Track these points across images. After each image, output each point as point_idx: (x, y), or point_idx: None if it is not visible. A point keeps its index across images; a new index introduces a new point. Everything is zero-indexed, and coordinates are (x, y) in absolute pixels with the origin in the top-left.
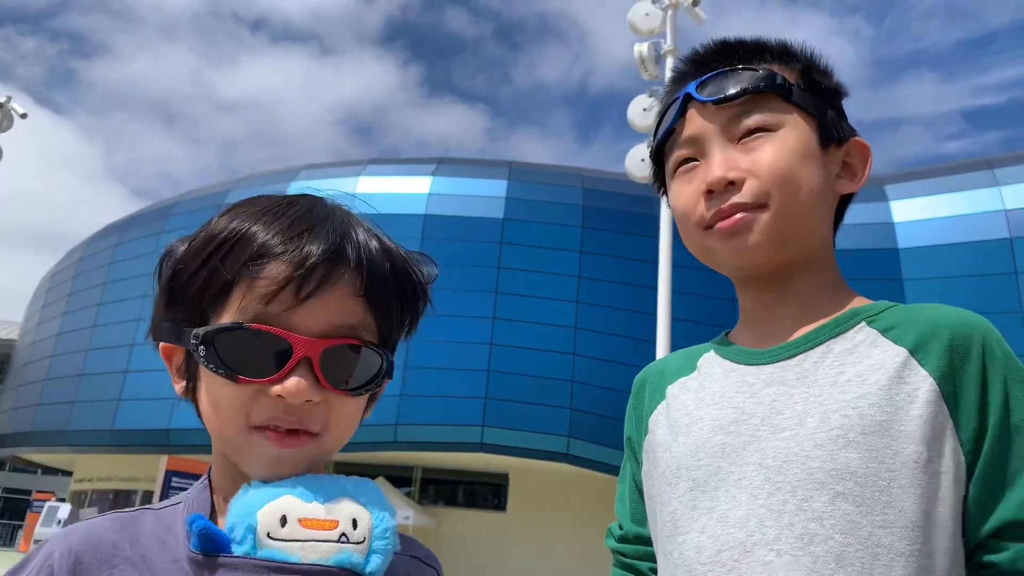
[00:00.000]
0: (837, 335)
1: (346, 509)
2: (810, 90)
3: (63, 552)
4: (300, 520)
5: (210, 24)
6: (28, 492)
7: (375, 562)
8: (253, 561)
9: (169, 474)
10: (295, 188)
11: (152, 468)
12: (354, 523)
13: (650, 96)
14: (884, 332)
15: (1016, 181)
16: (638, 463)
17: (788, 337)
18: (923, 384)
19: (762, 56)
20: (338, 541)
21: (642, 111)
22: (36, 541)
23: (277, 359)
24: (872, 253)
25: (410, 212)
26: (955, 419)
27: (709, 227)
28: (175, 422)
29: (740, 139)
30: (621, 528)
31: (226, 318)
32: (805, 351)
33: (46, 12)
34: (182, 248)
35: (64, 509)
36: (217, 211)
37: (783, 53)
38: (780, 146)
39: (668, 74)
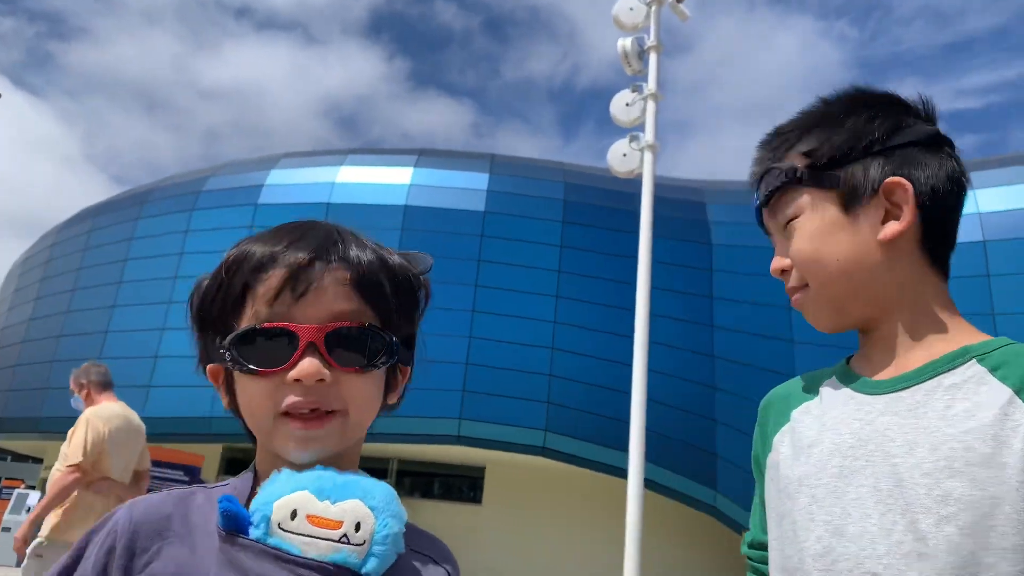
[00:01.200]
0: (948, 370)
1: (353, 511)
2: (820, 168)
3: (125, 522)
4: (308, 516)
5: (194, 9)
6: None
7: (371, 564)
8: (261, 546)
9: None
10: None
11: None
12: (357, 526)
13: (633, 91)
14: (992, 371)
15: (990, 185)
16: (763, 478)
17: (901, 370)
18: None
19: (800, 136)
20: (338, 541)
21: (625, 106)
22: (5, 529)
23: (288, 350)
24: None
25: (390, 203)
26: None
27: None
28: (148, 410)
29: (785, 227)
30: (752, 536)
31: (243, 326)
32: (917, 384)
33: None
34: (204, 282)
35: (34, 497)
36: (194, 198)
37: (824, 123)
38: (801, 234)
39: (652, 69)
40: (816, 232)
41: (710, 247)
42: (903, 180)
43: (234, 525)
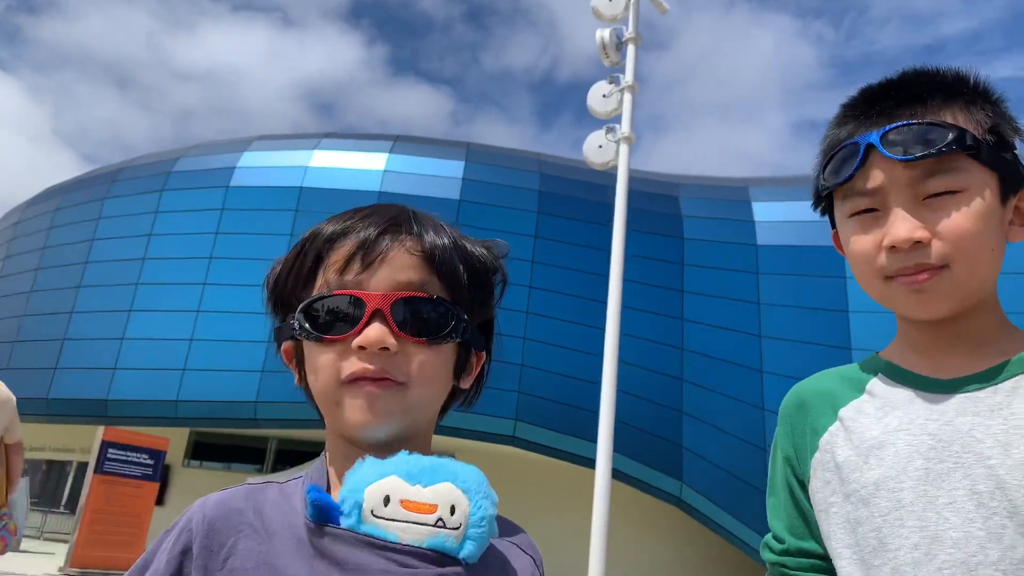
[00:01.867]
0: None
1: (447, 494)
2: (998, 146)
3: (199, 519)
4: (402, 501)
5: None
6: None
7: (468, 548)
8: (355, 535)
9: (105, 445)
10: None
11: (88, 438)
12: (452, 509)
13: (610, 83)
14: None
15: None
16: (799, 480)
17: (968, 370)
18: None
19: (946, 99)
20: (435, 525)
21: (602, 97)
22: None
23: (355, 317)
24: (820, 251)
25: (364, 189)
26: None
27: (889, 277)
28: (114, 392)
29: (926, 197)
30: (782, 542)
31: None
32: (994, 384)
33: None
34: (279, 263)
35: None
36: (164, 179)
37: (967, 96)
38: (969, 210)
39: (629, 61)
40: (983, 212)
41: (682, 241)
42: None
43: (324, 515)
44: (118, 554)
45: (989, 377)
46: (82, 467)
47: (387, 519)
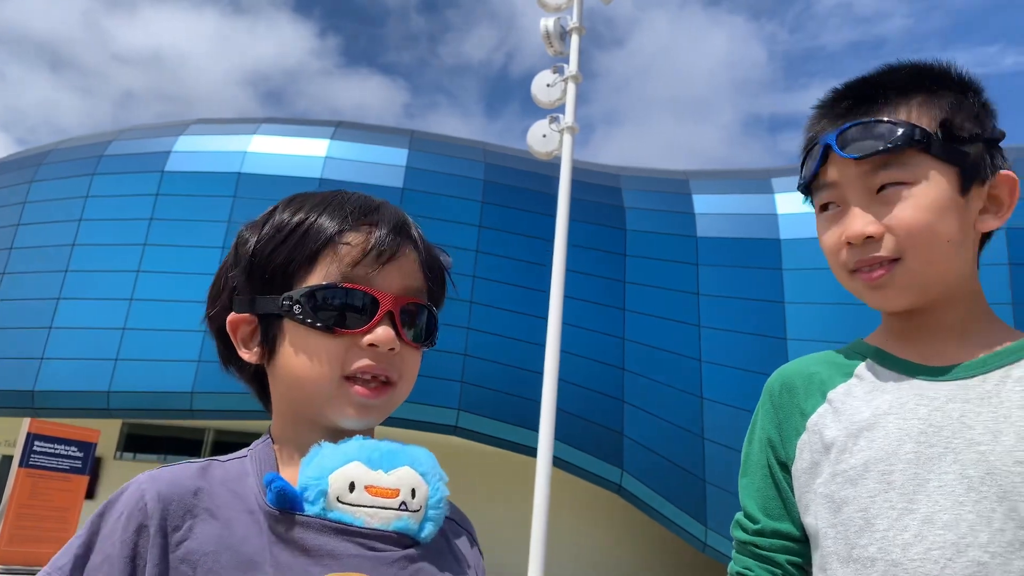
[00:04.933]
0: (1013, 362)
1: (407, 479)
2: (951, 139)
3: (153, 498)
4: (367, 487)
5: None
6: None
7: (428, 528)
8: (323, 521)
9: (31, 437)
10: (183, 144)
11: (12, 431)
12: (413, 492)
13: (554, 72)
14: None
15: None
16: (780, 461)
17: (956, 359)
18: None
19: (903, 95)
20: (398, 509)
21: (546, 87)
22: None
23: (365, 313)
24: (757, 243)
25: (305, 175)
26: None
27: (853, 270)
28: (41, 383)
29: (879, 190)
30: (755, 521)
31: (313, 282)
32: (983, 373)
33: None
34: (254, 234)
35: None
36: (95, 162)
37: (929, 87)
38: (917, 202)
39: (573, 51)
40: (934, 205)
41: (624, 232)
42: (1015, 176)
43: (286, 502)
44: (44, 550)
45: (979, 366)
46: (7, 460)
47: (353, 505)
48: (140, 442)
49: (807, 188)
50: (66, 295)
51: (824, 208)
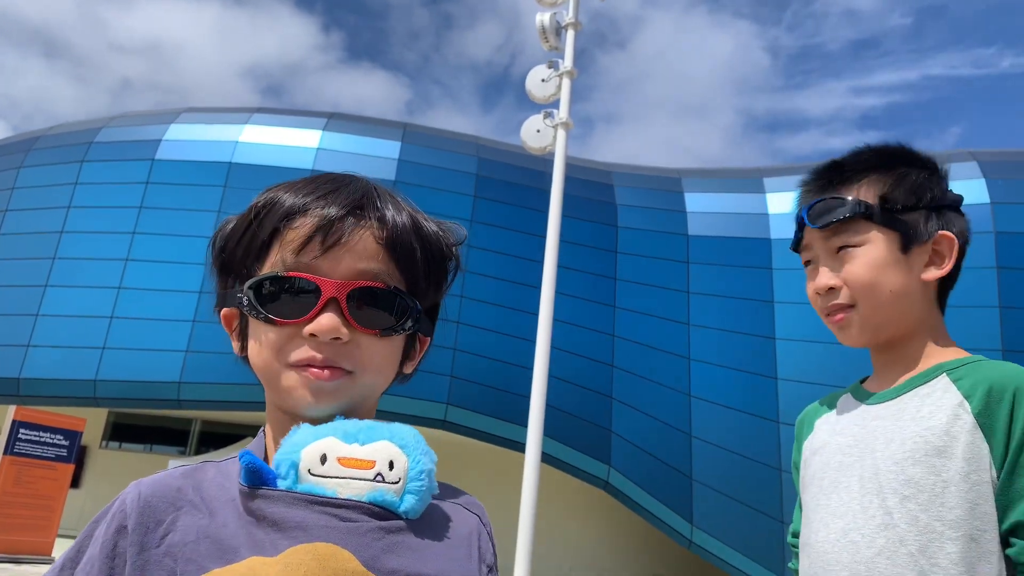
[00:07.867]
0: (924, 383)
1: (384, 450)
2: (889, 210)
3: (133, 498)
4: (339, 459)
5: None
6: None
7: (409, 502)
8: (292, 494)
9: (16, 424)
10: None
11: None
12: (391, 464)
13: (549, 67)
14: (955, 381)
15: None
16: (799, 480)
17: (895, 384)
18: (968, 420)
19: (862, 173)
20: (373, 480)
21: (541, 82)
22: None
23: (308, 302)
24: (748, 242)
25: (296, 166)
26: (990, 445)
27: (827, 315)
28: (27, 371)
29: (838, 250)
30: (794, 527)
31: (264, 272)
32: (901, 394)
33: None
34: (230, 224)
35: None
36: (85, 149)
37: (882, 166)
38: (863, 260)
39: (568, 47)
40: (877, 263)
41: (616, 229)
42: (952, 235)
43: (258, 479)
44: (29, 538)
45: (903, 388)
46: None
47: (325, 476)
48: (126, 431)
49: (796, 249)
50: (54, 282)
51: (807, 263)
